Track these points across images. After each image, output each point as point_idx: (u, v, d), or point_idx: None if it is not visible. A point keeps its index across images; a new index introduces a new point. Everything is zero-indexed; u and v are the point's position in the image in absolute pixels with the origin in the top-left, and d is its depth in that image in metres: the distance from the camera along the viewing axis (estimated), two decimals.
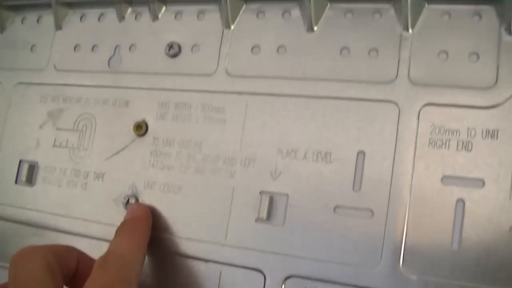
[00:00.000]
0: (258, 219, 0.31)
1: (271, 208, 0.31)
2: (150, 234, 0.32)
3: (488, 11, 0.29)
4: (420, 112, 0.29)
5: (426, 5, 0.30)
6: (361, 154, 0.30)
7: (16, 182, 0.38)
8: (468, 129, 0.28)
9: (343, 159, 0.30)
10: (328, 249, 0.29)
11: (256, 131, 0.32)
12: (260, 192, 0.31)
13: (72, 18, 0.39)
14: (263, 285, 0.30)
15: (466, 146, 0.28)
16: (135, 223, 0.32)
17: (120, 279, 0.28)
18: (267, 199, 0.31)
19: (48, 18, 0.40)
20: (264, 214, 0.30)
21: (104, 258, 0.29)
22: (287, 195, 0.31)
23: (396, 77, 0.30)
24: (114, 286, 0.28)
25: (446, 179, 0.28)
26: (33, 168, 0.38)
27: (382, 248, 0.28)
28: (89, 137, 0.36)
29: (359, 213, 0.29)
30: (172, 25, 0.36)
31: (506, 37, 0.28)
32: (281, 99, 0.32)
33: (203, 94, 0.34)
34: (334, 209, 0.30)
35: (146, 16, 0.37)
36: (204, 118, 0.33)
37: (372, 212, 0.29)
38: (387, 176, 0.29)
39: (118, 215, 0.34)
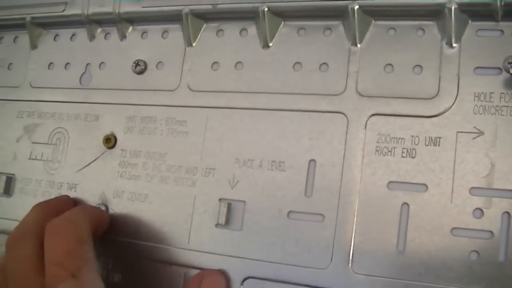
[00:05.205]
0: (217, 225, 0.32)
1: (229, 214, 0.32)
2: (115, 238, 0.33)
3: (431, 26, 0.30)
4: (367, 122, 0.30)
5: (373, 21, 0.32)
6: (312, 162, 0.31)
7: None
8: (412, 137, 0.29)
9: (296, 167, 0.31)
10: (282, 252, 0.30)
11: (216, 142, 0.33)
12: (220, 200, 0.32)
13: (46, 37, 0.40)
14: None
15: (410, 153, 0.29)
16: None
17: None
18: (226, 206, 0.32)
19: (24, 38, 0.41)
20: (223, 220, 0.32)
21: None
22: (244, 202, 0.32)
23: (345, 89, 0.31)
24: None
25: (391, 185, 0.29)
26: (10, 180, 0.39)
27: (333, 250, 0.29)
28: (62, 150, 0.37)
29: (311, 217, 0.30)
30: (138, 43, 0.37)
31: (447, 50, 0.30)
32: (238, 112, 0.33)
33: (167, 108, 0.35)
34: (288, 214, 0.31)
35: (114, 35, 0.38)
36: (168, 131, 0.35)
37: (323, 216, 0.30)
38: (337, 182, 0.30)
39: None
